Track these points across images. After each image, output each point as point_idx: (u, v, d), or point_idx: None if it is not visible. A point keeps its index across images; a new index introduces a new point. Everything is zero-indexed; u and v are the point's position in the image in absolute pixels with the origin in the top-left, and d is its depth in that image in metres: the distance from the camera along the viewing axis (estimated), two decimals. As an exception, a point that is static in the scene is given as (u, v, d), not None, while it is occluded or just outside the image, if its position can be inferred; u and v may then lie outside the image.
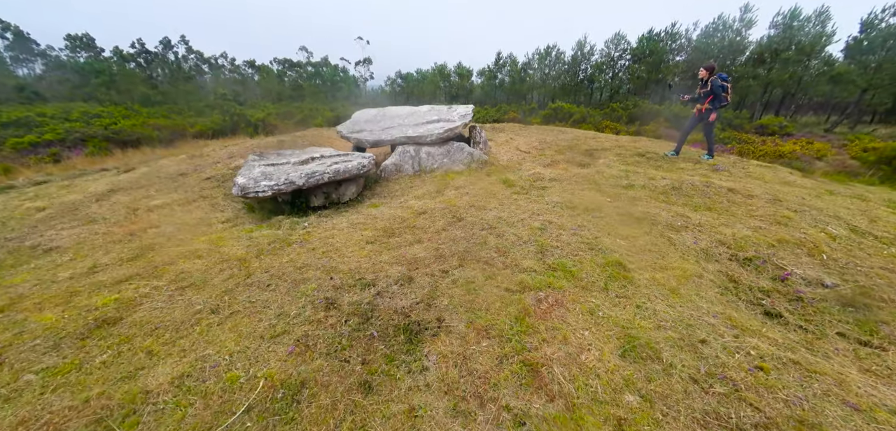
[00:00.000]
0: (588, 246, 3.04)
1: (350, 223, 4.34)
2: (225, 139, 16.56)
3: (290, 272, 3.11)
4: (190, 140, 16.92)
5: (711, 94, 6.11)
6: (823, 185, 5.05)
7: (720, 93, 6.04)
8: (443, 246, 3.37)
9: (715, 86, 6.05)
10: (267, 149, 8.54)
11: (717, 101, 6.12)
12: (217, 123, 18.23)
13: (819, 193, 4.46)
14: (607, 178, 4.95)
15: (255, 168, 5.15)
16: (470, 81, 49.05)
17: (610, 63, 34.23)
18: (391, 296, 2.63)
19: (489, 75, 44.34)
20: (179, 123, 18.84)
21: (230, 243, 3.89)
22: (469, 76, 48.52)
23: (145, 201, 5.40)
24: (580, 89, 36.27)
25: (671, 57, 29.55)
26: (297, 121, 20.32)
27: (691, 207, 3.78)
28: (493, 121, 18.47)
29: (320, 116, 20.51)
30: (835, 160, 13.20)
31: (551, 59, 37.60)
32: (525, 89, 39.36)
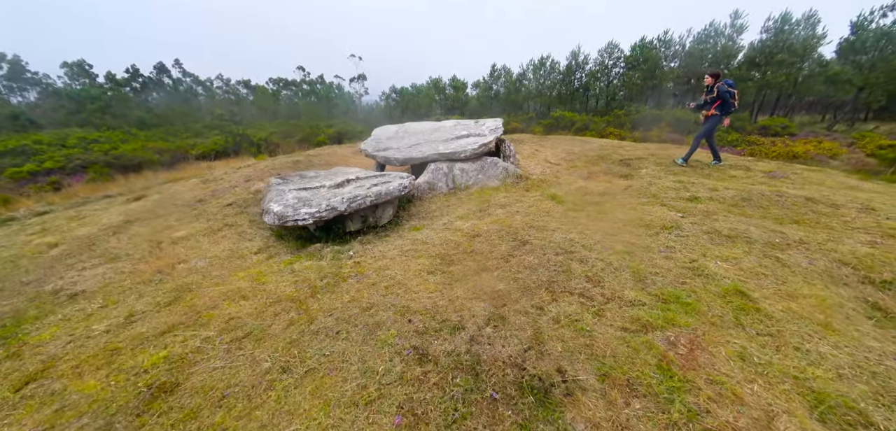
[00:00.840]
0: (691, 271, 2.74)
1: (399, 250, 4.01)
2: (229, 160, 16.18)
3: (357, 314, 2.76)
4: (192, 162, 16.50)
5: (718, 100, 6.03)
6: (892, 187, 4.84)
7: (728, 99, 5.96)
8: (521, 276, 3.05)
9: (722, 92, 5.97)
10: (282, 170, 8.20)
11: (725, 107, 6.04)
12: (219, 144, 17.85)
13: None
14: (664, 190, 4.69)
15: (286, 193, 4.81)
16: (465, 94, 49.31)
17: (604, 71, 34.58)
18: (490, 342, 2.30)
19: (484, 87, 44.60)
20: (181, 146, 18.43)
21: (273, 279, 3.53)
22: (464, 88, 48.80)
23: (167, 232, 5.01)
24: (576, 97, 36.53)
25: (666, 63, 29.91)
26: (299, 140, 20.01)
27: (774, 220, 3.52)
28: (499, 133, 18.36)
29: (322, 134, 20.23)
30: (850, 158, 13.13)
31: (546, 69, 37.90)
32: (521, 99, 39.57)
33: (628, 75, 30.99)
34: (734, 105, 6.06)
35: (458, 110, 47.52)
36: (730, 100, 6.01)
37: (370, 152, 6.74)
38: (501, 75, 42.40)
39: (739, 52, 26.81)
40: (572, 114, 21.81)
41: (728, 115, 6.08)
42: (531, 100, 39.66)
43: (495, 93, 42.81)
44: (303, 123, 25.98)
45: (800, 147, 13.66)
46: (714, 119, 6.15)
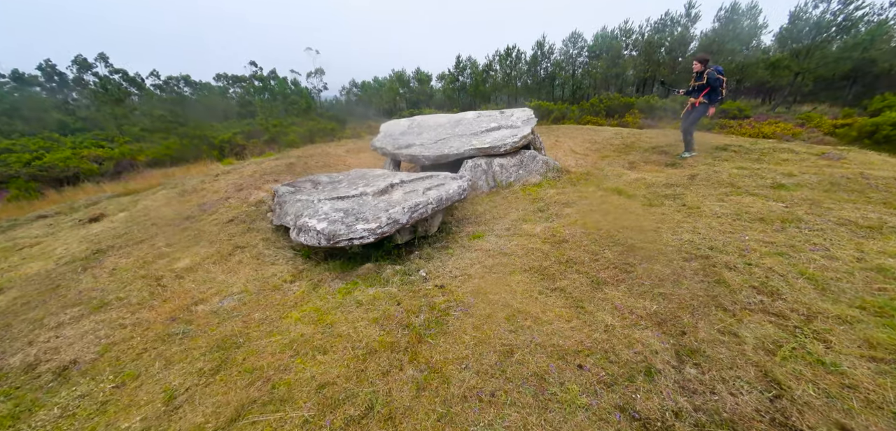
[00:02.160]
0: (875, 272, 2.41)
1: (479, 265, 3.38)
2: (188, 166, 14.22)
3: (499, 362, 2.13)
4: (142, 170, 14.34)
5: (707, 87, 5.66)
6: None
7: (717, 86, 5.61)
8: (664, 291, 2.58)
9: (711, 79, 5.62)
10: (279, 176, 7.11)
11: (714, 95, 5.67)
12: (173, 149, 15.75)
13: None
14: (738, 178, 4.44)
15: (316, 204, 3.97)
16: (430, 86, 48.55)
17: (569, 61, 35.42)
18: (711, 389, 1.79)
19: (450, 79, 44.10)
20: (125, 152, 16.02)
21: (342, 318, 2.77)
22: (428, 81, 48.04)
23: (163, 263, 3.95)
24: (542, 87, 37.14)
25: (627, 52, 31.13)
26: (267, 141, 18.25)
27: (884, 204, 3.36)
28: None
29: (292, 133, 18.61)
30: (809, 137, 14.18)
31: (512, 60, 38.12)
32: (489, 90, 39.53)
33: (592, 65, 31.91)
34: (722, 93, 5.71)
35: (423, 103, 46.72)
36: (719, 87, 5.65)
37: (389, 150, 5.94)
38: (467, 67, 42.08)
39: (693, 40, 28.47)
40: (549, 104, 21.95)
41: (715, 104, 5.69)
42: (499, 90, 39.76)
43: (462, 84, 42.45)
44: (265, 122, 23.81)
45: (767, 128, 14.64)
46: (702, 108, 5.75)
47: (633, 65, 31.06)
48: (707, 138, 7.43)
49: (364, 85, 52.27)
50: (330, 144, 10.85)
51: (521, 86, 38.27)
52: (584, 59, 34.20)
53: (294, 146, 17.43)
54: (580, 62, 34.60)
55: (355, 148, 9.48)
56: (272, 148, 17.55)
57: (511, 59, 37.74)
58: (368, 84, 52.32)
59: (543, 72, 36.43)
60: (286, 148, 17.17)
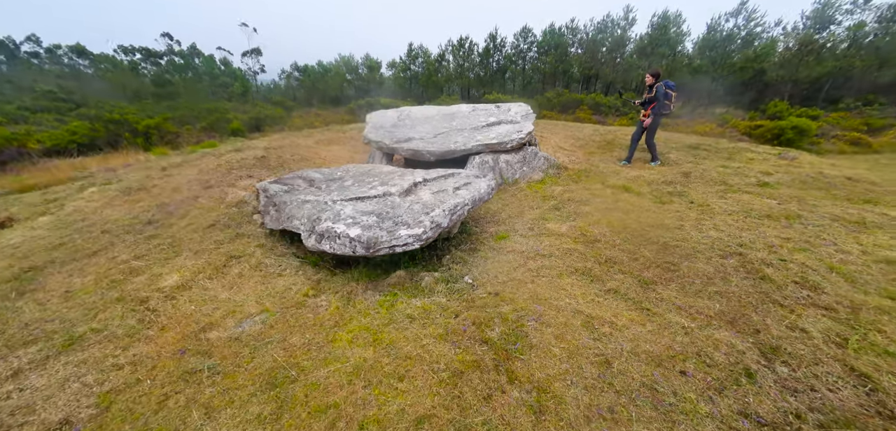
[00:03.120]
0: (885, 263, 2.78)
1: (524, 268, 3.30)
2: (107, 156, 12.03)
3: (598, 373, 2.07)
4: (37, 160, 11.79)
5: (654, 100, 5.92)
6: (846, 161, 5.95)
7: (663, 99, 5.87)
8: (716, 288, 2.72)
9: (658, 93, 5.86)
10: (252, 170, 6.28)
11: (659, 107, 5.93)
12: (83, 134, 13.25)
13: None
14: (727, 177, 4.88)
15: (335, 206, 3.55)
16: (379, 74, 47.06)
17: (520, 55, 36.57)
18: (811, 387, 1.91)
19: (402, 67, 43.08)
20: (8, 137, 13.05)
21: (399, 335, 2.51)
22: (378, 69, 46.52)
23: (143, 281, 3.25)
24: (495, 80, 37.90)
25: (573, 50, 32.94)
26: (204, 128, 16.18)
27: (850, 201, 3.92)
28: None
29: (235, 120, 16.73)
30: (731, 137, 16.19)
31: (465, 51, 38.29)
32: (442, 81, 39.34)
33: (542, 60, 33.24)
34: (669, 107, 6.00)
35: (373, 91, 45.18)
36: (665, 101, 5.90)
37: (386, 144, 5.56)
38: (419, 55, 41.38)
39: (629, 42, 30.98)
40: (507, 97, 22.43)
41: (660, 115, 5.98)
42: (451, 82, 39.74)
43: (414, 74, 41.69)
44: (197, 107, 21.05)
45: (699, 128, 16.52)
46: (656, 119, 6.03)
47: (578, 62, 32.93)
48: (676, 137, 8.11)
49: (307, 69, 48.99)
50: (297, 135, 9.89)
51: (474, 77, 38.67)
52: (534, 55, 35.51)
53: (240, 135, 15.68)
54: (530, 57, 35.87)
55: (325, 139, 8.76)
56: (212, 136, 15.62)
57: (464, 50, 37.88)
58: (312, 69, 49.17)
59: (495, 65, 37.15)
60: (230, 136, 15.41)
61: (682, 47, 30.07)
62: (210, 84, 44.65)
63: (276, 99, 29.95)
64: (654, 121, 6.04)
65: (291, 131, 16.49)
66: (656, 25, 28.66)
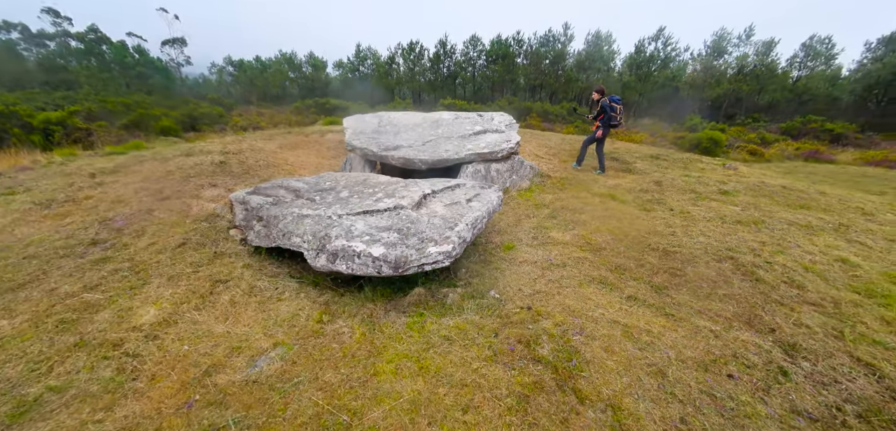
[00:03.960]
0: (841, 262, 3.26)
1: (544, 279, 3.32)
2: (-5, 157, 9.77)
3: (657, 384, 2.14)
4: None
5: (601, 113, 6.37)
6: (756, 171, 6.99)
7: (608, 112, 6.26)
8: (723, 291, 2.99)
9: (604, 107, 6.28)
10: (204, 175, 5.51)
11: (606, 119, 6.31)
12: (-44, 130, 10.69)
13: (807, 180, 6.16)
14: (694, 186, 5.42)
15: (343, 221, 3.25)
16: (325, 73, 45.07)
17: (469, 62, 37.46)
18: (832, 385, 2.16)
19: (350, 67, 41.70)
20: None
21: (445, 361, 2.37)
22: (324, 68, 44.52)
23: (108, 317, 2.64)
24: (446, 85, 38.34)
25: (520, 60, 34.59)
26: (125, 126, 14.01)
27: (794, 208, 4.59)
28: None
29: (165, 118, 14.75)
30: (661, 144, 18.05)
31: (415, 55, 38.24)
32: (393, 84, 38.80)
33: (491, 68, 34.38)
34: (616, 120, 6.39)
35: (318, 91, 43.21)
36: (611, 114, 6.32)
37: (373, 151, 5.27)
38: (368, 57, 40.38)
39: (569, 56, 33.38)
40: (462, 103, 22.77)
41: (608, 127, 6.39)
42: (402, 84, 39.37)
43: (363, 75, 40.54)
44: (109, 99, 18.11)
45: (636, 137, 18.30)
46: (604, 131, 6.43)
47: (524, 72, 34.61)
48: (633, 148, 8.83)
49: (243, 65, 45.30)
50: (254, 137, 8.95)
51: (425, 82, 38.74)
52: (483, 63, 36.59)
53: (172, 134, 13.81)
54: (479, 65, 36.89)
55: (288, 143, 8.06)
56: (136, 135, 13.59)
57: (414, 54, 37.80)
58: (249, 64, 45.63)
59: (446, 70, 37.60)
60: (159, 136, 13.51)
61: (614, 64, 33.20)
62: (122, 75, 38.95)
63: (213, 95, 27.05)
64: (603, 133, 6.52)
65: (237, 132, 15.01)
66: (591, 42, 31.30)
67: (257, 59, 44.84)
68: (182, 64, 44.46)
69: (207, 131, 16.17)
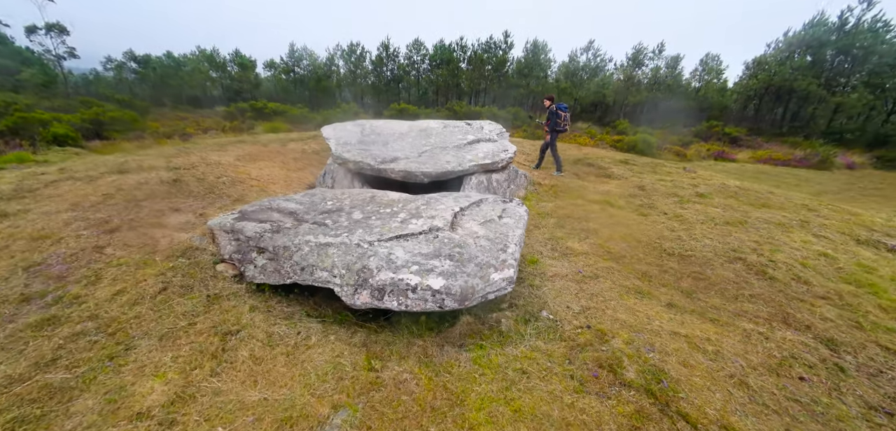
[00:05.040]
0: (824, 257, 3.73)
1: (584, 294, 3.28)
2: None
3: (746, 397, 2.19)
4: None
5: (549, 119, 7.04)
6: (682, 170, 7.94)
7: (555, 118, 6.91)
8: (748, 292, 3.23)
9: (551, 113, 6.95)
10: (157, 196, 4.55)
11: (553, 124, 6.95)
12: None
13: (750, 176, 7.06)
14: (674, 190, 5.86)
15: (377, 248, 2.86)
16: (255, 74, 41.46)
17: (413, 65, 37.21)
18: (881, 375, 2.41)
19: (284, 69, 38.78)
20: None
21: (534, 401, 2.18)
22: (252, 68, 40.90)
23: (100, 406, 1.95)
24: (390, 89, 37.59)
25: (464, 66, 35.22)
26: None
27: (755, 206, 5.20)
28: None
29: (57, 123, 12.16)
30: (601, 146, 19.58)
31: (357, 57, 36.89)
32: (333, 86, 36.92)
33: (436, 73, 34.51)
34: (563, 125, 7.00)
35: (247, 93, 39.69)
36: (557, 120, 6.93)
37: (369, 164, 4.81)
38: (304, 58, 37.91)
39: (510, 62, 34.86)
40: (414, 108, 22.48)
41: (556, 132, 7.00)
42: (343, 88, 37.68)
43: (299, 77, 37.93)
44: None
45: (580, 140, 19.68)
46: (553, 136, 7.08)
47: (468, 77, 35.31)
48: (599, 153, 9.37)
49: (151, 61, 39.81)
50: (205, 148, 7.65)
51: (368, 86, 37.59)
52: (427, 67, 36.59)
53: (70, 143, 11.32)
54: (423, 69, 36.81)
55: (245, 154, 7.09)
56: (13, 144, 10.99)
57: (356, 56, 36.44)
58: (158, 61, 40.23)
59: (390, 74, 36.88)
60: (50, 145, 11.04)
61: (551, 71, 35.46)
62: (-22, 67, 31.48)
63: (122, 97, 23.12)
64: (552, 137, 7.12)
65: (159, 140, 12.97)
66: (530, 50, 33.10)
67: (169, 56, 39.60)
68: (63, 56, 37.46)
69: (119, 139, 13.71)
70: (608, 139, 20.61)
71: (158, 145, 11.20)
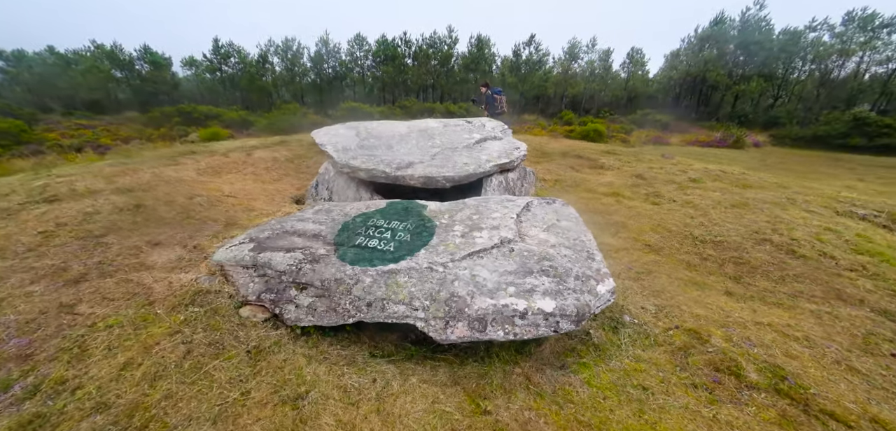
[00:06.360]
0: (832, 231, 4.10)
1: (647, 291, 3.20)
2: None
3: (862, 385, 2.24)
4: None
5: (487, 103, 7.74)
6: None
7: (492, 103, 7.69)
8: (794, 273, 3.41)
9: (487, 98, 7.71)
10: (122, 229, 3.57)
11: (490, 109, 7.66)
12: None
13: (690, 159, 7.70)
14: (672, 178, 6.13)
15: (457, 271, 2.49)
16: (171, 73, 36.84)
17: (356, 62, 35.64)
18: (936, 330, 2.63)
19: (208, 67, 34.77)
20: None
21: (672, 419, 2.02)
22: (168, 66, 36.29)
23: None
24: (333, 87, 35.62)
25: (409, 61, 34.60)
26: None
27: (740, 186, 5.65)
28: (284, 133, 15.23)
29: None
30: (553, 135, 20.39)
31: (294, 53, 34.33)
32: (269, 86, 33.96)
33: (382, 69, 33.45)
34: (500, 108, 7.55)
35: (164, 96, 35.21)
36: (493, 103, 7.56)
37: (384, 171, 4.28)
38: (232, 55, 34.29)
39: (455, 57, 34.99)
40: (371, 108, 21.49)
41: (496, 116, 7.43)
42: (280, 87, 34.84)
43: (227, 76, 34.22)
44: None
45: (536, 131, 20.34)
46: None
47: (414, 73, 34.77)
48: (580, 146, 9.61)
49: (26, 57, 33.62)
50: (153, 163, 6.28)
51: (308, 84, 35.22)
52: (371, 63, 35.28)
53: None
54: (367, 66, 35.45)
55: (208, 167, 6.00)
56: None
57: (292, 52, 33.87)
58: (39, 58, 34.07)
59: (332, 71, 34.93)
60: None
61: (495, 66, 36.29)
62: None
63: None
64: None
65: (67, 155, 10.68)
66: (474, 45, 33.53)
67: (53, 52, 33.38)
68: None
69: (4, 155, 11.04)
70: (560, 129, 21.65)
71: (69, 162, 9.18)
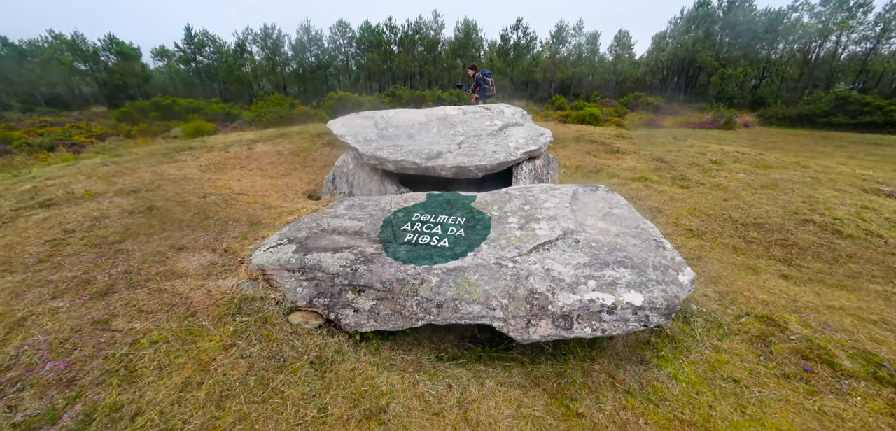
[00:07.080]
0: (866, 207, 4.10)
1: (704, 276, 3.11)
2: None
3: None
4: None
5: (477, 86, 7.59)
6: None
7: (482, 85, 7.55)
8: (846, 253, 3.38)
9: (478, 80, 7.53)
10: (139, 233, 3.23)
11: (481, 92, 7.58)
12: None
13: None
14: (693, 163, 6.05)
15: (534, 267, 2.31)
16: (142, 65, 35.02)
17: (339, 49, 34.59)
18: None
19: (182, 58, 33.13)
20: None
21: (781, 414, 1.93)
22: (137, 57, 34.45)
23: None
24: (317, 75, 34.53)
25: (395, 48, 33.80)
26: None
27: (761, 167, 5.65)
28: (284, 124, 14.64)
29: None
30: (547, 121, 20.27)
31: (274, 42, 33.01)
32: (249, 76, 32.63)
33: (367, 56, 32.58)
34: (489, 90, 7.53)
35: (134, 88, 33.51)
36: (484, 86, 7.50)
37: (414, 162, 4.03)
38: (207, 44, 32.71)
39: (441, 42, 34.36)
40: (356, 96, 20.84)
41: (484, 98, 7.53)
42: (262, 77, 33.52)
43: (203, 66, 32.66)
44: None
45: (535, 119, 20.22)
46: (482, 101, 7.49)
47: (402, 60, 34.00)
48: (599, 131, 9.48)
49: None
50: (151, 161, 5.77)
51: (290, 74, 34.02)
52: (356, 51, 34.32)
53: None
54: (352, 54, 34.47)
55: (208, 163, 5.60)
56: None
57: (272, 40, 32.56)
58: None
59: (315, 60, 33.79)
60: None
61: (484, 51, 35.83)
62: None
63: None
64: (482, 102, 7.48)
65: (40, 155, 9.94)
66: (462, 30, 32.96)
67: (5, 42, 31.15)
68: None
69: None
70: (554, 115, 21.59)
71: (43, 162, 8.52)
